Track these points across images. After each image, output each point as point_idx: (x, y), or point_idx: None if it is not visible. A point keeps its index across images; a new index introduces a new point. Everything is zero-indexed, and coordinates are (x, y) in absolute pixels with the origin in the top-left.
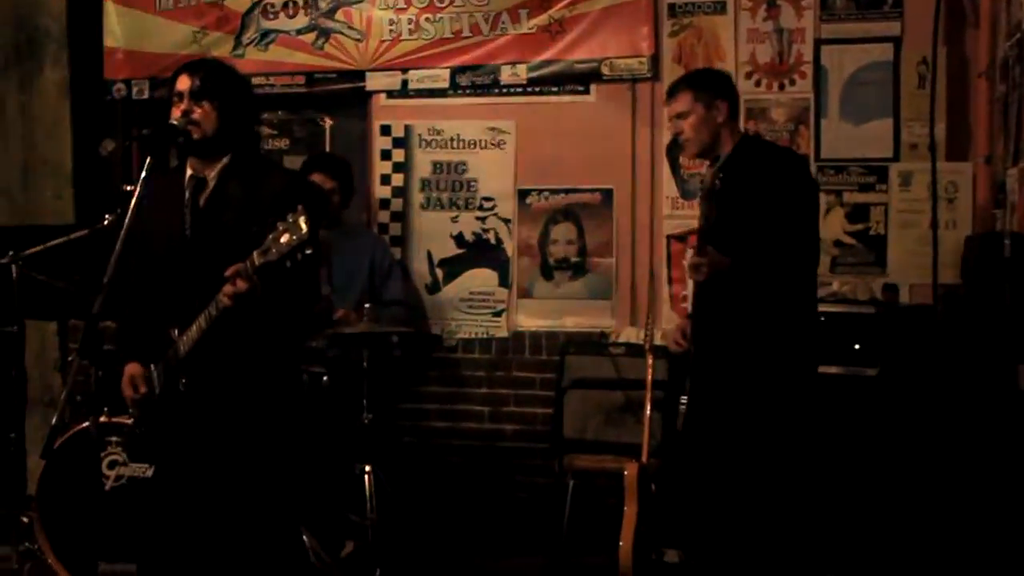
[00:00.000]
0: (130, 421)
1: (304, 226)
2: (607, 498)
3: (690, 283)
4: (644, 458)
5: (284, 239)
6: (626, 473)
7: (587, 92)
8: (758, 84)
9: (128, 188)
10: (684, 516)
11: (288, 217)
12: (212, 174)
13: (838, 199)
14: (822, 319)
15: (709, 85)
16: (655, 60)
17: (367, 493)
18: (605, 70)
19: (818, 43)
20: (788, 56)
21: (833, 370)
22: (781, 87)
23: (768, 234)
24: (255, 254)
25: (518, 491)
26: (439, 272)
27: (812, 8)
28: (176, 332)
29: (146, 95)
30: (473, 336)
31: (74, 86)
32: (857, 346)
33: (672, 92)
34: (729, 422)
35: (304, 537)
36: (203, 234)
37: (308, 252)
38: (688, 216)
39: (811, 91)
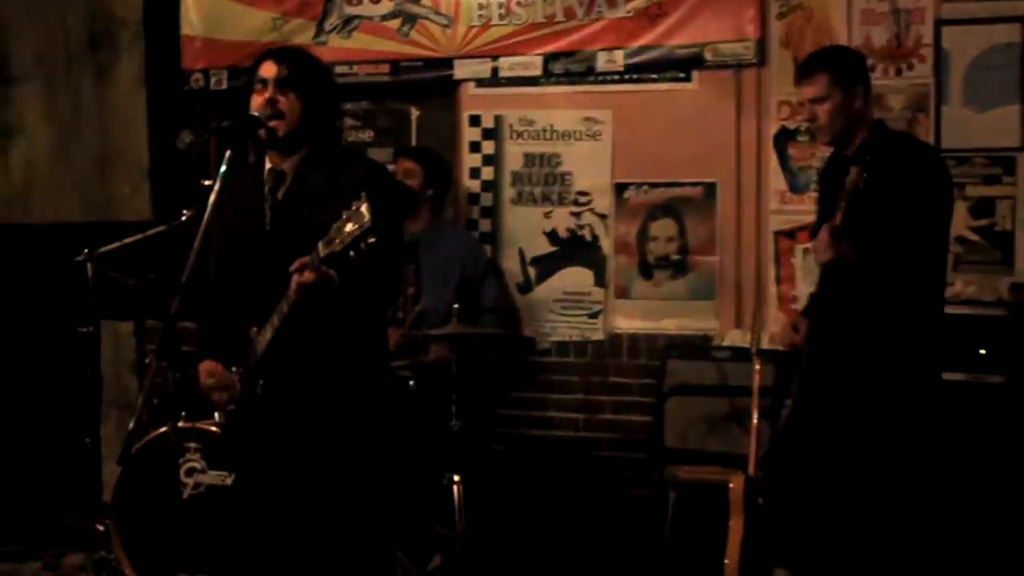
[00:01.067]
0: (211, 427)
1: (366, 213)
2: (711, 512)
3: (800, 285)
4: (751, 469)
5: (348, 228)
6: (731, 486)
7: (688, 79)
8: (873, 69)
9: (206, 183)
10: (794, 532)
11: (352, 205)
12: (290, 166)
13: (960, 192)
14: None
15: (849, 67)
16: (761, 44)
17: (455, 504)
18: (708, 55)
19: (939, 24)
20: (906, 38)
21: (957, 377)
22: (898, 72)
23: (901, 235)
24: (320, 245)
25: (615, 504)
26: (531, 271)
27: None
28: (255, 330)
29: (224, 85)
30: (567, 339)
31: (150, 77)
32: (983, 351)
33: (807, 73)
34: (846, 431)
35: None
36: (282, 228)
37: (372, 240)
38: (797, 211)
39: (931, 76)
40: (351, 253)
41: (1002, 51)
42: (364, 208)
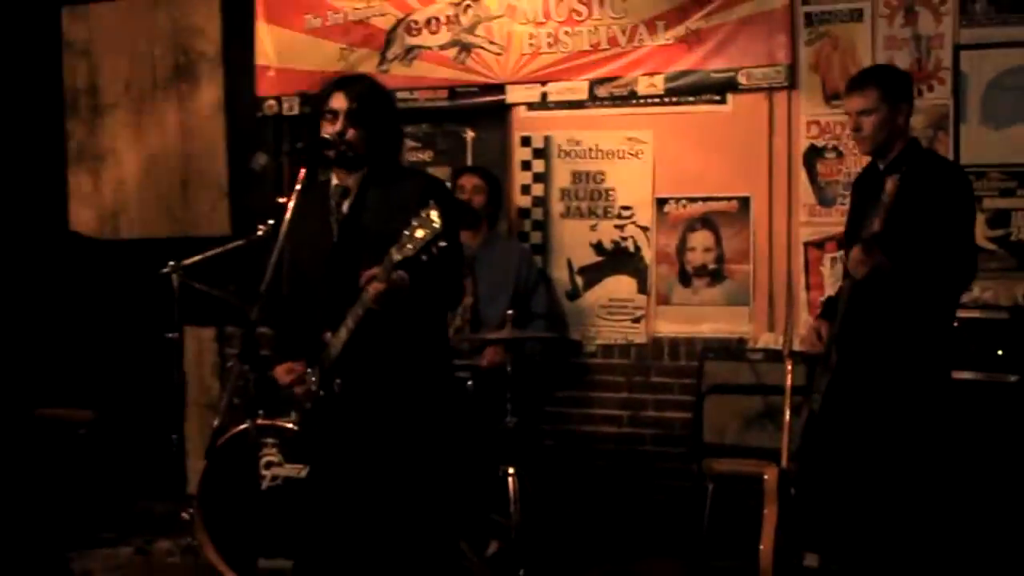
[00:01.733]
0: (287, 424)
1: (437, 220)
2: (746, 502)
3: (828, 291)
4: (784, 462)
5: (419, 234)
6: (766, 477)
7: (724, 101)
8: None
9: (281, 200)
10: (823, 520)
11: (421, 213)
12: (354, 182)
13: (978, 205)
14: (963, 325)
15: (898, 86)
16: (792, 69)
17: (510, 494)
18: (742, 79)
19: (957, 49)
20: (927, 62)
21: (976, 376)
22: (920, 93)
23: (936, 246)
24: (392, 250)
25: (657, 494)
26: (579, 280)
27: (951, 14)
28: (329, 335)
29: (296, 111)
30: (612, 342)
31: (228, 104)
32: (1000, 352)
33: (859, 86)
34: (872, 426)
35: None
36: (347, 239)
37: (442, 244)
38: (825, 223)
39: (950, 97)
40: (423, 257)
41: (1017, 73)
42: (434, 215)
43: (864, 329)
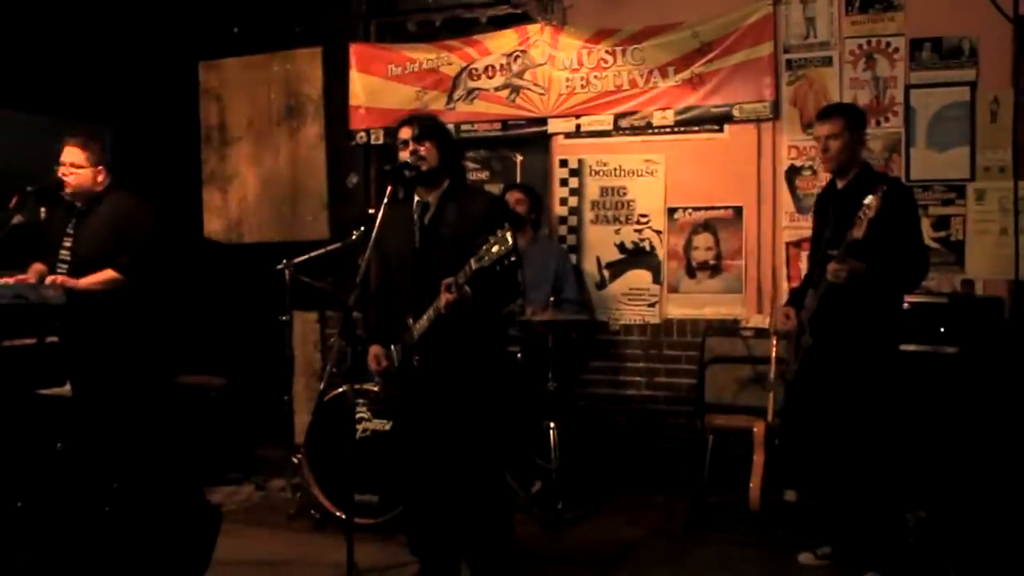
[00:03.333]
0: (375, 388)
1: (510, 239)
2: (739, 450)
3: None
4: (769, 418)
5: (495, 249)
6: (755, 430)
7: (721, 130)
8: None
9: (371, 211)
10: (801, 464)
11: (497, 232)
12: (433, 198)
13: (924, 212)
14: (913, 308)
15: (857, 118)
16: (776, 104)
17: (551, 444)
18: (736, 112)
19: (908, 88)
20: (883, 99)
21: (922, 348)
22: (878, 123)
23: (900, 253)
24: (472, 261)
25: (667, 443)
26: (606, 272)
27: (903, 60)
28: (411, 320)
29: (381, 140)
30: (632, 322)
31: (328, 136)
32: (942, 329)
33: (828, 115)
34: (839, 390)
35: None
36: (427, 245)
37: (513, 259)
38: (802, 227)
39: (902, 126)
40: (497, 268)
41: (955, 107)
42: (508, 235)
43: (834, 315)
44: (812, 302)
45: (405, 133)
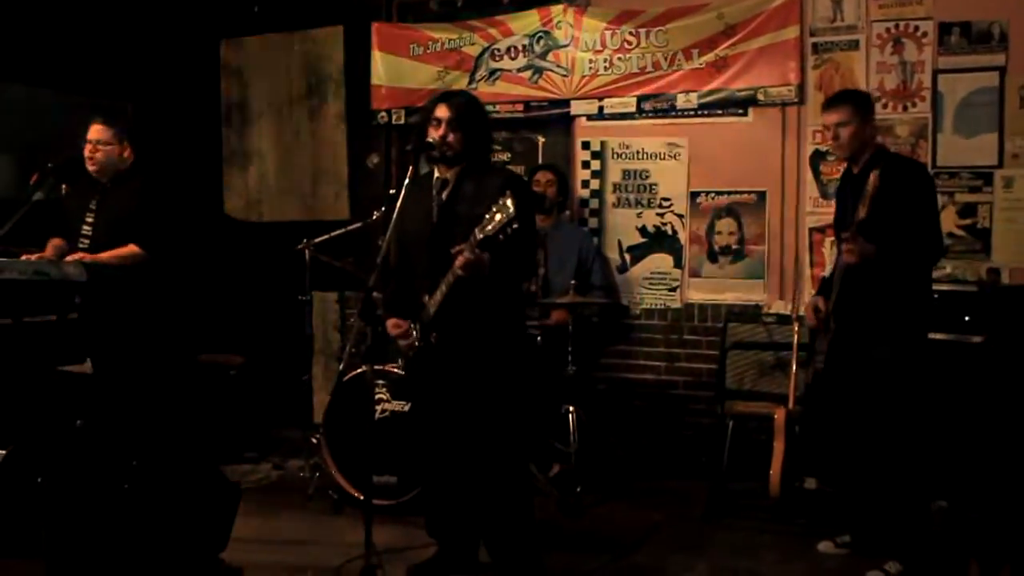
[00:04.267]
0: (395, 369)
1: (511, 206)
2: (759, 436)
3: (829, 268)
4: (790, 405)
5: (498, 217)
6: (776, 416)
7: (745, 114)
8: (885, 106)
9: (391, 191)
10: (821, 451)
11: (499, 200)
12: (452, 175)
13: (951, 199)
14: (939, 296)
15: (866, 104)
16: (801, 88)
17: (571, 428)
18: (760, 96)
19: (936, 73)
20: (910, 83)
21: (948, 337)
22: (904, 108)
23: (911, 231)
24: (476, 231)
25: (687, 429)
26: (627, 256)
27: (931, 44)
28: (427, 298)
29: (402, 120)
30: (653, 307)
31: (349, 115)
32: (967, 318)
33: (836, 103)
34: (864, 378)
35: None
36: (444, 221)
37: (515, 227)
38: (826, 213)
39: (929, 111)
40: (500, 237)
41: (984, 92)
42: (510, 202)
43: (856, 301)
44: (835, 289)
45: (442, 112)
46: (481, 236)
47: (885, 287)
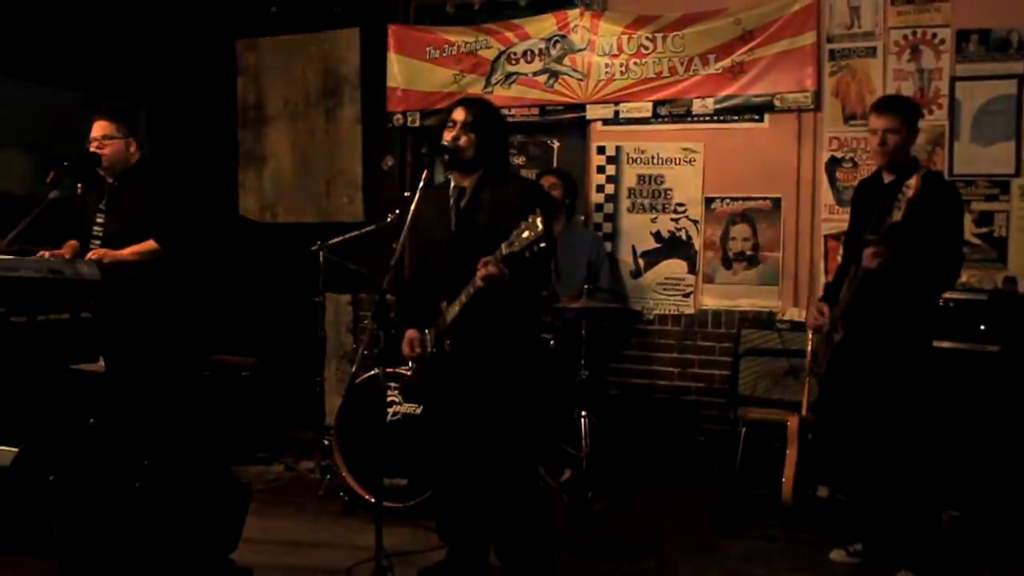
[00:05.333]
0: (407, 372)
1: (540, 225)
2: (772, 443)
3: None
4: (803, 412)
5: (525, 235)
6: (789, 424)
7: (762, 120)
8: None
9: (406, 194)
10: (834, 459)
11: (528, 217)
12: (469, 183)
13: (967, 207)
14: (954, 305)
15: (916, 114)
16: (817, 94)
17: (582, 433)
18: (777, 102)
19: (953, 80)
20: (928, 91)
21: (962, 346)
22: (921, 116)
23: (933, 251)
24: (502, 246)
25: (699, 435)
26: (641, 262)
27: (949, 51)
28: (444, 304)
29: (417, 123)
30: (666, 312)
31: (364, 117)
32: (982, 327)
33: (888, 108)
34: (873, 386)
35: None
36: (463, 230)
37: (543, 246)
38: (842, 220)
39: (946, 119)
40: (527, 254)
41: (1002, 101)
42: (539, 221)
43: (868, 308)
44: (846, 295)
45: (458, 115)
46: (507, 252)
47: (898, 297)
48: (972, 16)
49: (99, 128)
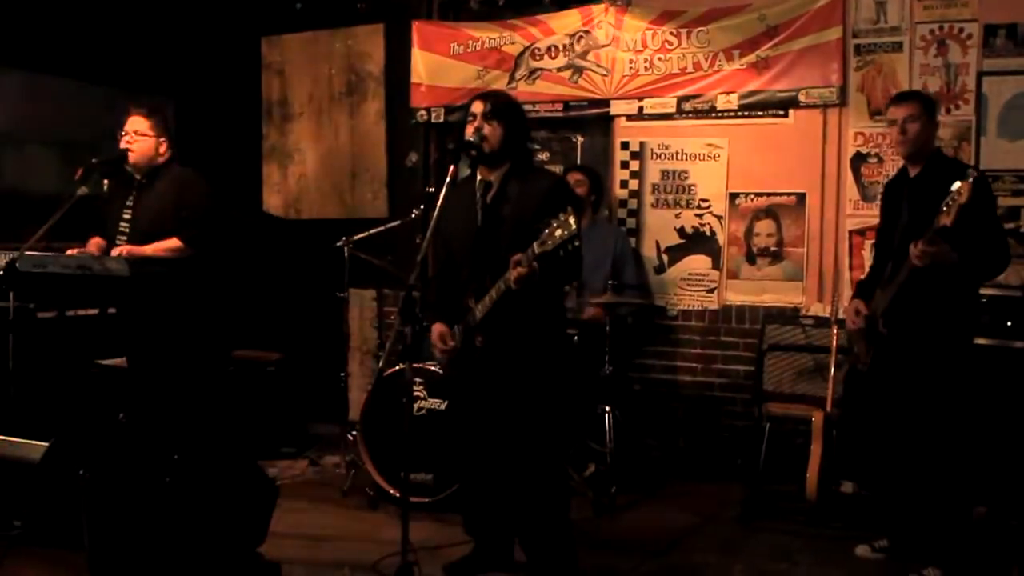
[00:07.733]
0: (433, 367)
1: (573, 224)
2: (796, 439)
3: (866, 269)
4: (828, 408)
5: (558, 233)
6: (813, 419)
7: (786, 116)
8: None
9: (430, 189)
10: (859, 455)
11: (560, 216)
12: (496, 177)
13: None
14: (985, 300)
15: (933, 105)
16: (843, 90)
17: (606, 428)
18: (802, 98)
19: (980, 75)
20: (954, 86)
21: (990, 342)
22: (948, 111)
23: (987, 243)
24: (535, 244)
25: (723, 431)
26: (665, 257)
27: (976, 46)
28: (472, 300)
29: (442, 119)
30: (690, 308)
31: (388, 113)
32: (1009, 323)
33: (907, 98)
34: (910, 381)
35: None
36: (490, 224)
37: (576, 244)
38: (867, 216)
39: (973, 114)
40: (560, 253)
41: None
42: (572, 219)
43: (911, 306)
44: (889, 292)
45: (477, 108)
46: (540, 251)
47: (944, 294)
48: (999, 10)
49: (132, 123)
